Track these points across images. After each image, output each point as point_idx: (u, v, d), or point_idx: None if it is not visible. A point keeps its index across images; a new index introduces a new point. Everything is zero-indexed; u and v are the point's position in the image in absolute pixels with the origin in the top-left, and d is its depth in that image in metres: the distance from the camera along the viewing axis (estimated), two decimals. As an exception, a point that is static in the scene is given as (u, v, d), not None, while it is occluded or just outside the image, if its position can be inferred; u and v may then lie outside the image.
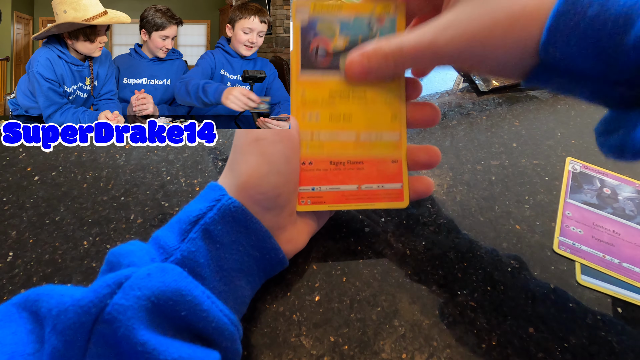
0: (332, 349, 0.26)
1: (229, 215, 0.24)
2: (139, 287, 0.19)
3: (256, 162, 0.25)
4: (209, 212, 0.24)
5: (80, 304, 0.18)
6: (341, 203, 0.28)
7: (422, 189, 0.30)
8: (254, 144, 0.25)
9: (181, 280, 0.20)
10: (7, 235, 0.32)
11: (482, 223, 0.33)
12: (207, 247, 0.23)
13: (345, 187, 0.28)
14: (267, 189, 0.25)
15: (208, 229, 0.23)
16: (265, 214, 0.25)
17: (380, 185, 0.29)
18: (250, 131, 0.26)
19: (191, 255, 0.22)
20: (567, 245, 0.32)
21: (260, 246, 0.25)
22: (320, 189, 0.28)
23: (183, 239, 0.23)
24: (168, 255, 0.22)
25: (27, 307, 0.20)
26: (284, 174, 0.25)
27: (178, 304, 0.20)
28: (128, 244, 0.23)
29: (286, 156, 0.25)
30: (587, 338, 0.26)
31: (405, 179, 0.29)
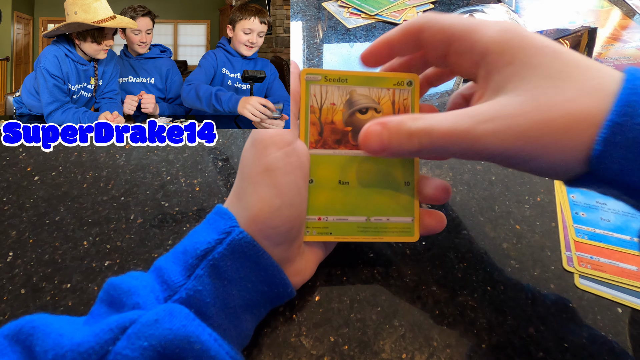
0: (332, 349, 0.26)
1: (239, 251, 0.22)
2: (146, 336, 0.18)
3: (268, 195, 0.23)
4: (218, 247, 0.22)
5: (79, 349, 0.17)
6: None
7: (433, 224, 0.28)
8: (264, 174, 0.23)
9: (189, 324, 0.19)
10: (7, 235, 0.32)
11: (482, 223, 0.33)
12: (214, 284, 0.22)
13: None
14: (279, 223, 0.23)
15: (216, 265, 0.22)
16: (274, 248, 0.24)
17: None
18: (260, 159, 0.24)
19: (197, 295, 0.21)
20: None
21: (270, 281, 0.24)
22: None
23: (189, 275, 0.22)
24: (172, 293, 0.21)
25: (20, 341, 0.19)
26: (296, 206, 0.24)
27: (185, 351, 0.19)
28: (130, 276, 0.22)
29: (298, 187, 0.24)
30: (587, 338, 0.26)
31: (417, 213, 0.28)
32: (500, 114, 0.20)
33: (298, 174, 0.24)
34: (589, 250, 0.32)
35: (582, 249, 0.32)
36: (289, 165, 0.24)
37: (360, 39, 0.58)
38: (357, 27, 0.60)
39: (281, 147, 0.24)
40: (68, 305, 0.28)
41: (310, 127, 0.27)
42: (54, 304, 0.28)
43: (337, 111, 0.27)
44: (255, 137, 0.24)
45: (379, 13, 0.62)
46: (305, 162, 0.25)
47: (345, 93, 0.27)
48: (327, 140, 0.27)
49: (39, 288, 0.29)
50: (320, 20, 0.63)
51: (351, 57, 0.54)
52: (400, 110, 0.28)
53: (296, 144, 0.25)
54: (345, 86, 0.27)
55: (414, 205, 0.28)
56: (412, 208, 0.28)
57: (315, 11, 0.65)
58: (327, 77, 0.27)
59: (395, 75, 0.27)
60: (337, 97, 0.27)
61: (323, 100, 0.27)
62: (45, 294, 0.28)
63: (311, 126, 0.27)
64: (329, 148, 0.27)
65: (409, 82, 0.28)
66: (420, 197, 0.28)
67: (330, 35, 0.58)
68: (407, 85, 0.27)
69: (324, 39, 0.58)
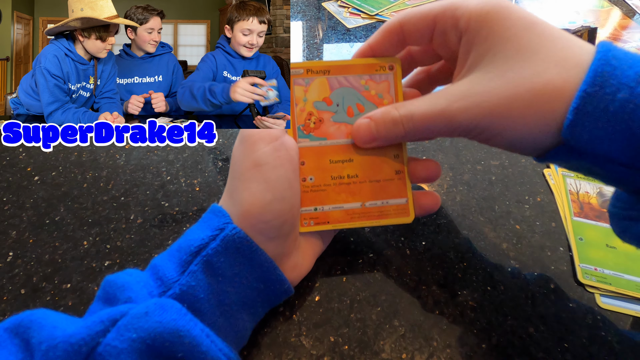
0: (332, 349, 0.26)
1: (233, 247, 0.23)
2: (135, 328, 0.18)
3: (258, 190, 0.23)
4: (211, 243, 0.22)
5: (71, 340, 0.18)
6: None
7: (429, 203, 0.28)
8: (254, 170, 0.23)
9: (180, 319, 0.19)
10: (7, 235, 0.32)
11: (482, 223, 0.33)
12: (208, 280, 0.22)
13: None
14: (271, 217, 0.23)
15: (210, 261, 0.22)
16: (268, 243, 0.24)
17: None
18: (248, 155, 0.24)
19: (191, 290, 0.21)
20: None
21: (265, 278, 0.24)
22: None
23: (183, 271, 0.22)
24: (166, 289, 0.21)
25: (19, 334, 0.19)
26: (287, 200, 0.24)
27: (175, 345, 0.19)
28: (126, 273, 0.22)
29: (289, 181, 0.24)
30: (587, 338, 0.26)
31: (410, 194, 0.28)
32: (470, 92, 0.21)
33: (288, 168, 0.24)
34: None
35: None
36: (278, 160, 0.24)
37: (360, 39, 0.58)
38: (357, 27, 0.60)
39: (269, 142, 0.24)
40: (68, 305, 0.28)
41: (297, 120, 0.27)
42: (54, 304, 0.28)
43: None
44: (244, 135, 0.25)
45: (379, 13, 0.62)
46: (294, 156, 0.25)
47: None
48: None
49: (39, 288, 0.29)
50: (320, 20, 0.63)
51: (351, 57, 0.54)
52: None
53: (284, 138, 0.25)
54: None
55: (407, 186, 0.28)
56: (406, 189, 0.28)
57: (315, 11, 0.65)
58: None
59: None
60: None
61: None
62: (45, 294, 0.28)
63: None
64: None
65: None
66: (412, 178, 0.28)
67: (330, 35, 0.58)
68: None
69: (324, 39, 0.58)
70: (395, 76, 0.28)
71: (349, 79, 0.28)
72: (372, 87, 0.28)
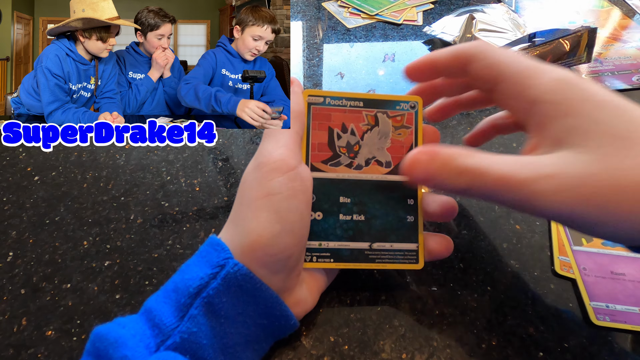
0: (332, 349, 0.26)
1: (235, 285, 0.21)
2: None
3: (268, 220, 0.22)
4: (212, 282, 0.21)
5: None
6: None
7: (440, 250, 0.27)
8: (265, 199, 0.22)
9: None
10: (7, 235, 0.32)
11: (482, 223, 0.33)
12: (210, 324, 0.21)
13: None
14: (278, 250, 0.22)
15: (211, 302, 0.21)
16: (272, 277, 0.22)
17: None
18: (262, 183, 0.23)
19: (193, 337, 0.20)
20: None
21: (269, 314, 0.23)
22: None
23: (182, 316, 0.20)
24: (165, 337, 0.20)
25: None
26: (296, 232, 0.23)
27: None
28: (117, 324, 0.20)
29: (300, 213, 0.23)
30: (587, 338, 0.26)
31: (421, 239, 0.27)
32: (564, 171, 0.18)
33: (301, 199, 0.23)
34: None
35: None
36: (292, 190, 0.23)
37: (360, 39, 0.58)
38: (357, 27, 0.60)
39: (285, 171, 0.23)
40: (68, 305, 0.28)
41: (312, 149, 0.26)
42: (54, 304, 0.28)
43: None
44: (260, 161, 0.23)
45: (379, 13, 0.62)
46: (308, 187, 0.24)
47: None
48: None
49: (39, 288, 0.29)
50: (320, 20, 0.63)
51: (351, 57, 0.54)
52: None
53: (300, 168, 0.24)
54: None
55: (418, 231, 0.27)
56: (417, 233, 0.26)
57: (315, 11, 0.65)
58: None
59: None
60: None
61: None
62: (45, 294, 0.28)
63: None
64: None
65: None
66: (426, 215, 0.27)
67: (330, 35, 0.58)
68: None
69: (324, 39, 0.58)
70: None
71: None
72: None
